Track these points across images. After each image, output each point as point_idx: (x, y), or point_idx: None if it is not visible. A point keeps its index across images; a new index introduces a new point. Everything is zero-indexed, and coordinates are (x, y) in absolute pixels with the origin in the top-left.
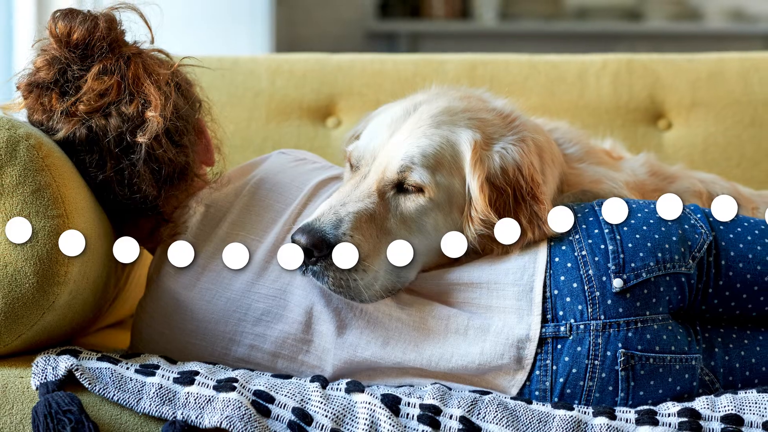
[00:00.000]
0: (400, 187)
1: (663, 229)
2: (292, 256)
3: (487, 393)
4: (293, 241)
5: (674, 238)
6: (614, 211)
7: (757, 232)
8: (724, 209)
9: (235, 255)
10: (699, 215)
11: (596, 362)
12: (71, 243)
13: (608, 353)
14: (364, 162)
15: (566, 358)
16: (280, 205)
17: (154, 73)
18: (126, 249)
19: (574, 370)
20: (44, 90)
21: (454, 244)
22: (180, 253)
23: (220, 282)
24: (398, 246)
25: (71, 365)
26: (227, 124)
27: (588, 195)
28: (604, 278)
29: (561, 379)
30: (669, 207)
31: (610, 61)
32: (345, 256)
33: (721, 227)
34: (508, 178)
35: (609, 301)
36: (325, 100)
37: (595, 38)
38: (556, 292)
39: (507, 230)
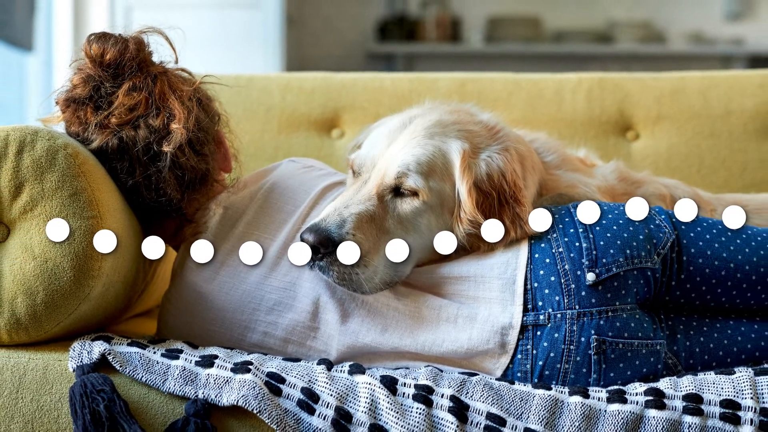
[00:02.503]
0: (397, 191)
1: (631, 228)
2: (301, 253)
3: (475, 375)
4: (302, 240)
5: (641, 237)
6: (588, 213)
7: (714, 231)
8: (685, 211)
9: (250, 252)
10: (663, 216)
11: (572, 347)
12: (104, 241)
13: (582, 339)
14: (365, 169)
15: (545, 344)
16: (290, 207)
17: (177, 90)
18: (153, 247)
19: (552, 354)
20: (80, 105)
21: (445, 242)
22: (201, 250)
23: (237, 276)
24: (395, 244)
25: (104, 350)
26: (243, 135)
27: (564, 198)
28: (578, 272)
29: (540, 362)
30: (636, 209)
31: (584, 79)
32: (348, 253)
33: (683, 227)
34: (493, 183)
35: (583, 293)
36: (330, 113)
37: (570, 59)
38: (536, 284)
39: (492, 230)
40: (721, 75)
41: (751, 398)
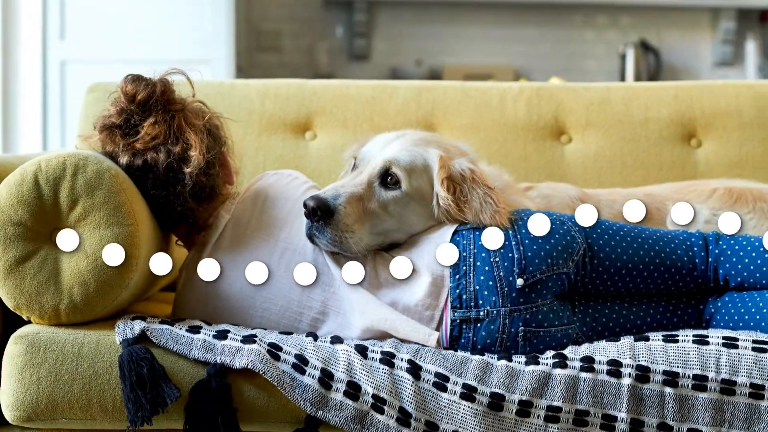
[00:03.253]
0: (383, 181)
1: (552, 241)
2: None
3: (426, 346)
4: (305, 205)
5: (560, 248)
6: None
7: (616, 236)
8: (586, 215)
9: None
10: (577, 228)
11: (504, 336)
12: (138, 246)
13: (513, 330)
14: (363, 163)
15: (483, 333)
16: (285, 211)
17: (192, 124)
18: (160, 263)
19: (488, 341)
20: (113, 130)
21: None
22: (207, 268)
23: (238, 273)
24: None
25: (144, 327)
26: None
27: None
28: (510, 278)
29: (479, 347)
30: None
31: (525, 89)
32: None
33: (594, 235)
34: (464, 178)
35: (514, 294)
36: (304, 117)
37: (547, 8)
38: (478, 287)
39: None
40: (641, 86)
41: (630, 358)
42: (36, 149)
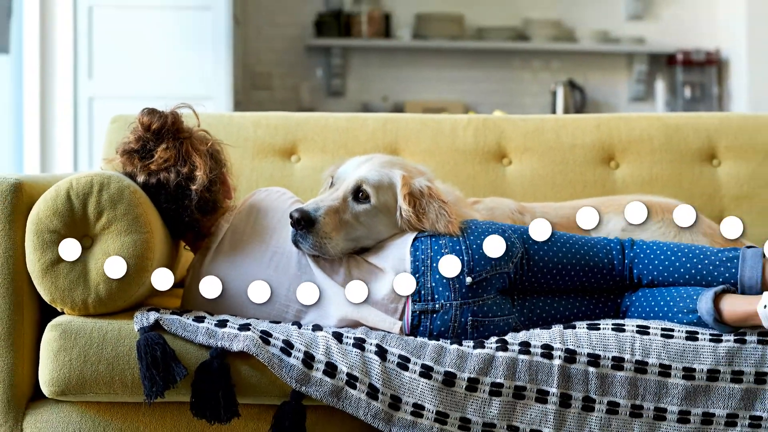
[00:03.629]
0: (356, 196)
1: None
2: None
3: (390, 333)
4: (291, 216)
5: (502, 252)
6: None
7: (550, 243)
8: (539, 230)
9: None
10: (516, 236)
11: (456, 324)
12: (153, 250)
13: (463, 320)
14: (339, 182)
15: (438, 323)
16: (275, 221)
17: (197, 149)
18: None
19: (443, 329)
20: (132, 153)
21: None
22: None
23: (237, 272)
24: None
25: (157, 317)
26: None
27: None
28: (461, 277)
29: (435, 334)
30: (496, 245)
31: (473, 120)
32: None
33: (530, 241)
34: (422, 193)
35: (463, 290)
36: (290, 144)
37: (491, 53)
38: (434, 284)
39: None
40: (569, 118)
41: (560, 343)
42: (68, 170)
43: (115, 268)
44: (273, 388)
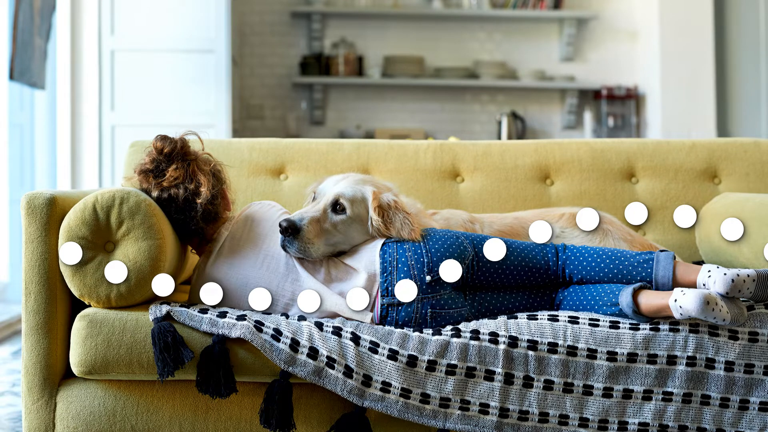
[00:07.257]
0: (334, 208)
1: (452, 249)
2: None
3: (364, 323)
4: (279, 225)
5: (456, 254)
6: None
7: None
8: (494, 250)
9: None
10: (468, 241)
11: (417, 315)
12: (165, 254)
13: (423, 311)
14: (320, 196)
15: (403, 314)
16: (266, 229)
17: (202, 169)
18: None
19: (406, 319)
20: (148, 173)
21: (359, 238)
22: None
23: (236, 271)
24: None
25: (168, 309)
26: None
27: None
28: (422, 275)
29: (400, 323)
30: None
31: (432, 145)
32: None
33: (480, 246)
34: (390, 206)
35: (424, 287)
36: (279, 165)
37: (447, 90)
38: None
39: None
40: (512, 143)
41: (504, 330)
42: (94, 186)
43: (134, 268)
44: (265, 369)
